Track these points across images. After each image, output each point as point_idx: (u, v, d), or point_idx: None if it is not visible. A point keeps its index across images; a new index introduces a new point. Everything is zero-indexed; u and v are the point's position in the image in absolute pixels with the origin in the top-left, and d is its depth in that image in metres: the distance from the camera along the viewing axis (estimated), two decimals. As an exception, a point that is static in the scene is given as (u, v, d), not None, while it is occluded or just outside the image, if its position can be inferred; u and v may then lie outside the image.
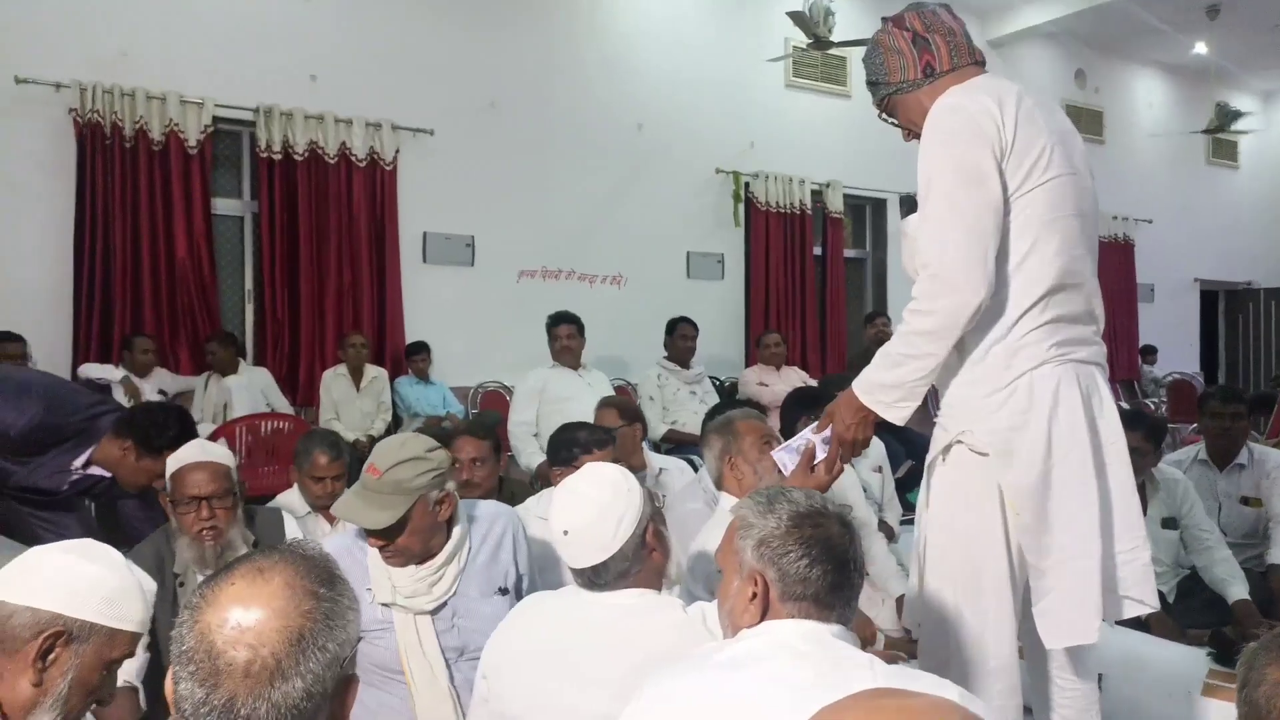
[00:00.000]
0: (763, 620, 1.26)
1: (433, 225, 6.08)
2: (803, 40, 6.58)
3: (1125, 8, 8.04)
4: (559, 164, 6.49)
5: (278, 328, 5.58)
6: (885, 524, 3.20)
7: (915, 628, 1.85)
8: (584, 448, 2.49)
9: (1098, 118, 9.67)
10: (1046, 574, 1.68)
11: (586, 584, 1.60)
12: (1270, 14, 8.43)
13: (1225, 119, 8.91)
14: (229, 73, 5.40)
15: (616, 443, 2.65)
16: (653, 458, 3.43)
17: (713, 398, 5.33)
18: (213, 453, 2.16)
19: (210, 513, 2.08)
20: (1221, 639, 2.42)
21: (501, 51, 6.29)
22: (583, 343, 4.69)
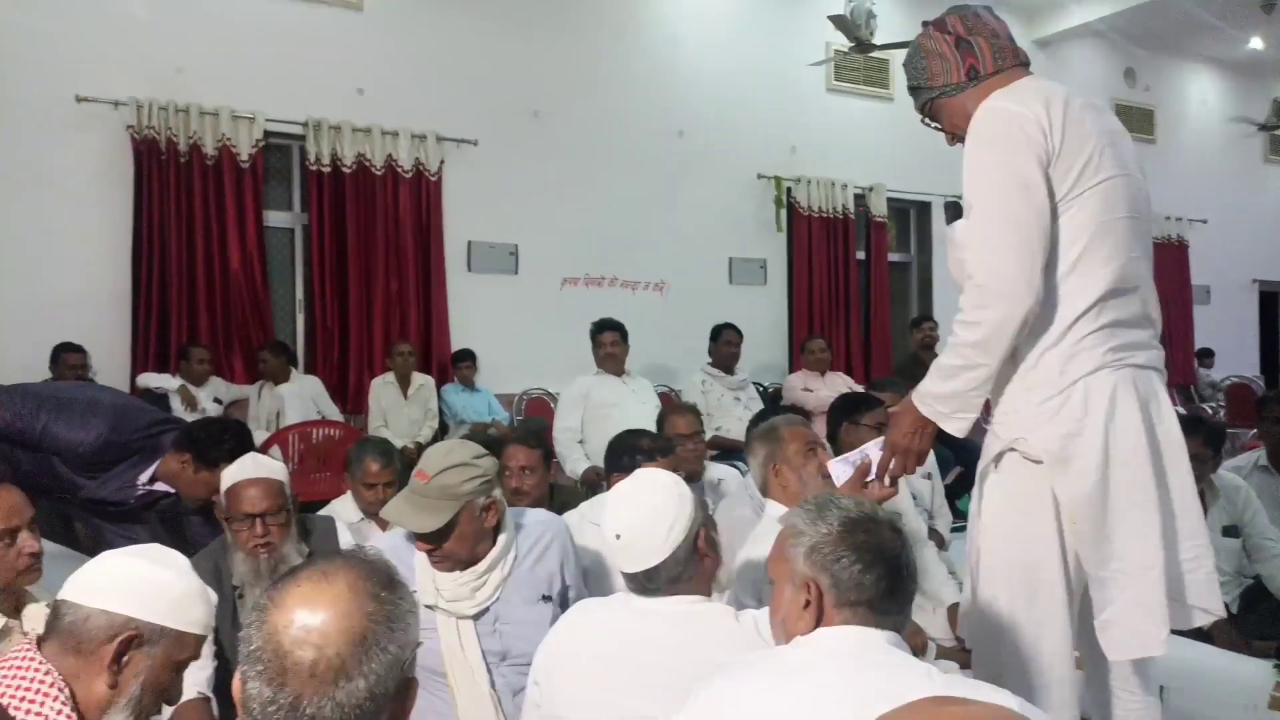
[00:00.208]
0: (817, 628, 1.26)
1: (477, 234, 6.16)
2: (844, 44, 6.55)
3: (1177, 3, 7.85)
4: (601, 172, 6.53)
5: (328, 337, 5.69)
6: (936, 532, 3.16)
7: (969, 638, 1.83)
8: (647, 454, 2.47)
9: (1148, 116, 9.47)
10: (1107, 584, 1.65)
11: (639, 589, 1.61)
12: (1330, 6, 8.18)
13: (1283, 114, 8.69)
14: (279, 88, 5.53)
15: (675, 451, 2.63)
16: (712, 467, 3.40)
17: (757, 404, 5.31)
18: (267, 468, 2.16)
19: (264, 529, 2.09)
20: (1288, 651, 2.36)
21: (543, 62, 6.35)
22: (627, 350, 4.70)
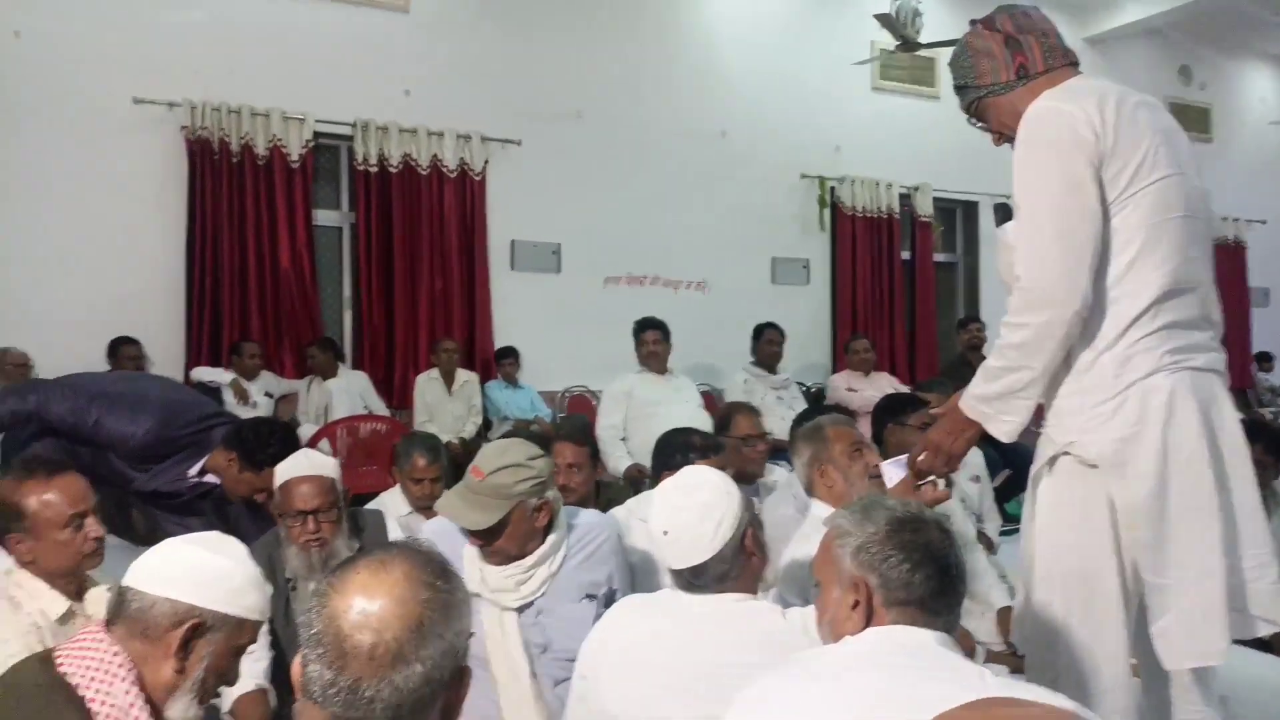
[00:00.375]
0: (866, 628, 1.25)
1: (520, 233, 6.21)
2: (889, 42, 6.48)
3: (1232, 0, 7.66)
4: (643, 172, 6.54)
5: (374, 333, 5.78)
6: (984, 535, 3.12)
7: (1023, 643, 1.80)
8: (699, 452, 2.47)
9: (1204, 115, 9.23)
10: (1166, 591, 1.61)
11: (685, 586, 1.61)
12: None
13: (1346, 112, 8.42)
14: (328, 90, 5.63)
15: (724, 451, 2.61)
16: (772, 469, 3.38)
17: (799, 404, 5.28)
18: (318, 465, 2.19)
19: (316, 525, 2.13)
20: (1353, 663, 2.29)
21: (586, 63, 6.38)
22: (669, 348, 4.71)
